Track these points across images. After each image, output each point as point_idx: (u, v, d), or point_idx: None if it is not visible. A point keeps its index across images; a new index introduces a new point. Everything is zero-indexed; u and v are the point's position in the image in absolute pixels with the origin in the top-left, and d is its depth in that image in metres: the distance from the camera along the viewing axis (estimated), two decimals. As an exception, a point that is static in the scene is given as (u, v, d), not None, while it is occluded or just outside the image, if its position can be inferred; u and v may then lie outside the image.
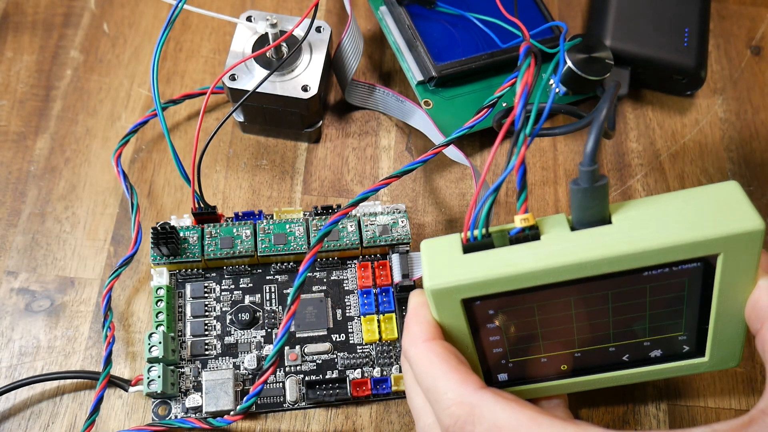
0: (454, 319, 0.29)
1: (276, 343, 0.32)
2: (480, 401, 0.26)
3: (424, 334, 0.29)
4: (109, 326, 0.37)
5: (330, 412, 0.38)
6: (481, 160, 0.45)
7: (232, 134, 0.45)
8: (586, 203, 0.26)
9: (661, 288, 0.28)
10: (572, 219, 0.27)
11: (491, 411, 0.25)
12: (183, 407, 0.37)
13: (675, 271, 0.27)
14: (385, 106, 0.46)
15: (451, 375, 0.27)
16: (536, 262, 0.26)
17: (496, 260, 0.27)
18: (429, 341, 0.28)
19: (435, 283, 0.27)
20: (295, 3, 0.50)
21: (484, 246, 0.27)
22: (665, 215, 0.26)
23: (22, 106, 0.46)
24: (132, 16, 0.49)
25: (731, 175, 0.45)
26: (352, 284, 0.40)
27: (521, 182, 0.27)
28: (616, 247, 0.25)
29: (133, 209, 0.40)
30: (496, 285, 0.27)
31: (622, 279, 0.27)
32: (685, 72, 0.45)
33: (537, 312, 0.29)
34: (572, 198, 0.26)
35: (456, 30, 0.45)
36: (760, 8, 0.51)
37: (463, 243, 0.28)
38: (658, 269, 0.27)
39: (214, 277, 0.40)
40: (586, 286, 0.27)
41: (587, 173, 0.26)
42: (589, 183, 0.26)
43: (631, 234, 0.26)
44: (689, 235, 0.25)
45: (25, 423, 0.37)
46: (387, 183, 0.36)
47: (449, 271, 0.27)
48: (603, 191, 0.26)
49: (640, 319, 0.30)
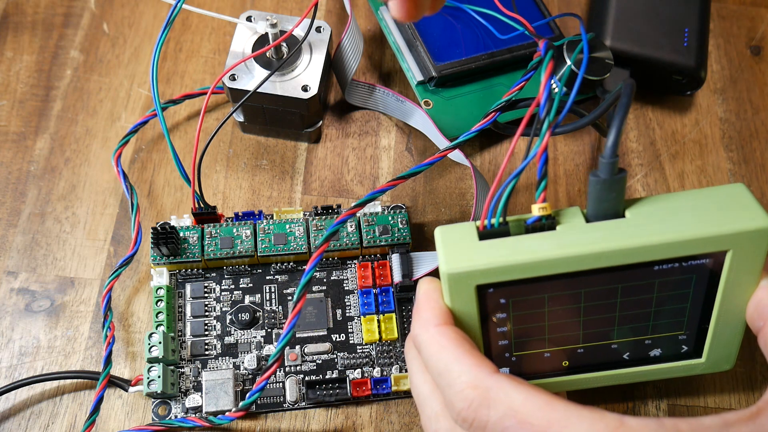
0: (466, 306, 0.28)
1: (280, 341, 0.32)
2: (495, 384, 0.25)
3: (436, 319, 0.28)
4: (109, 326, 0.37)
5: (330, 412, 0.38)
6: (480, 160, 0.45)
7: (232, 134, 0.45)
8: (604, 195, 0.27)
9: (669, 284, 0.28)
10: (587, 211, 0.28)
11: (507, 394, 0.25)
12: (183, 407, 0.37)
13: (684, 266, 0.27)
14: (385, 106, 0.46)
15: (465, 359, 0.26)
16: (552, 250, 0.26)
17: (512, 247, 0.27)
18: (441, 326, 0.28)
19: (452, 267, 0.27)
20: (295, 3, 0.50)
21: (501, 234, 0.27)
22: (677, 211, 0.27)
23: (22, 106, 0.46)
24: (132, 16, 0.49)
25: (731, 175, 0.45)
26: (352, 284, 0.40)
27: (542, 170, 0.27)
28: (630, 240, 0.26)
29: (133, 209, 0.40)
30: (512, 272, 0.27)
31: (633, 272, 0.27)
32: (685, 72, 0.45)
33: (547, 303, 0.29)
34: (590, 189, 0.27)
35: (456, 30, 0.45)
36: (760, 8, 0.51)
37: (480, 230, 0.28)
38: (668, 264, 0.27)
39: (214, 277, 0.40)
40: (598, 278, 0.28)
41: (608, 164, 0.26)
42: (609, 175, 0.26)
43: (644, 228, 0.26)
44: (702, 230, 0.26)
45: (25, 423, 0.37)
46: (395, 184, 0.36)
47: (466, 256, 0.27)
48: (621, 184, 0.27)
49: (645, 315, 0.30)
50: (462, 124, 0.43)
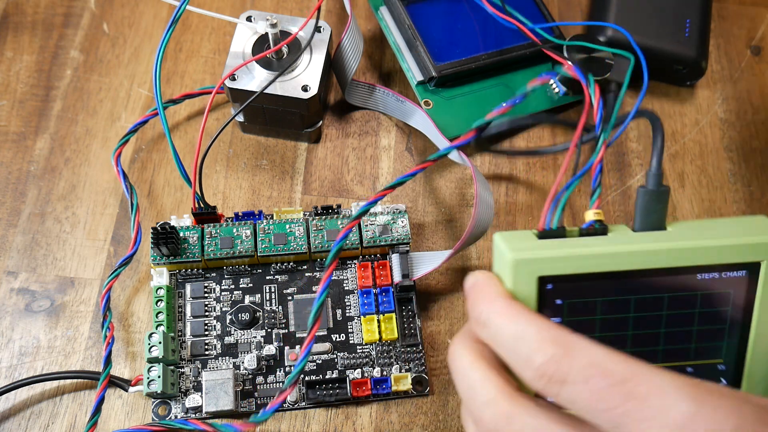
0: (525, 299, 0.30)
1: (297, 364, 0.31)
2: (576, 341, 0.26)
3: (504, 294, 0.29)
4: (109, 326, 0.37)
5: (330, 412, 0.38)
6: (480, 161, 0.45)
7: (232, 134, 0.45)
8: (651, 206, 0.31)
9: (709, 299, 0.30)
10: (634, 224, 0.31)
11: (588, 349, 0.25)
12: (183, 407, 0.37)
13: (723, 278, 0.30)
14: (385, 106, 0.46)
15: (543, 322, 0.27)
16: (607, 246, 0.29)
17: (570, 244, 0.29)
18: (510, 299, 0.28)
19: (518, 255, 0.28)
20: (295, 3, 0.50)
21: (558, 236, 0.30)
22: (713, 227, 0.30)
23: (22, 106, 0.46)
24: (132, 16, 0.49)
25: (731, 175, 0.45)
26: (352, 284, 0.40)
27: (596, 181, 0.32)
28: (674, 243, 0.29)
29: (133, 209, 0.40)
30: (573, 263, 0.29)
31: (676, 280, 0.29)
32: (686, 62, 0.45)
33: (599, 309, 0.30)
34: (638, 200, 0.31)
35: (456, 30, 0.45)
36: (760, 8, 0.51)
37: (538, 231, 0.30)
38: (708, 273, 0.29)
39: (214, 277, 0.40)
40: (645, 283, 0.30)
41: (655, 176, 0.30)
42: (655, 186, 0.30)
43: (686, 235, 0.30)
44: (737, 239, 0.29)
45: (25, 423, 0.37)
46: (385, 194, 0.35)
47: (531, 247, 0.29)
48: (665, 196, 0.31)
49: (687, 336, 0.31)
50: (462, 123, 0.43)
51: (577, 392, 0.24)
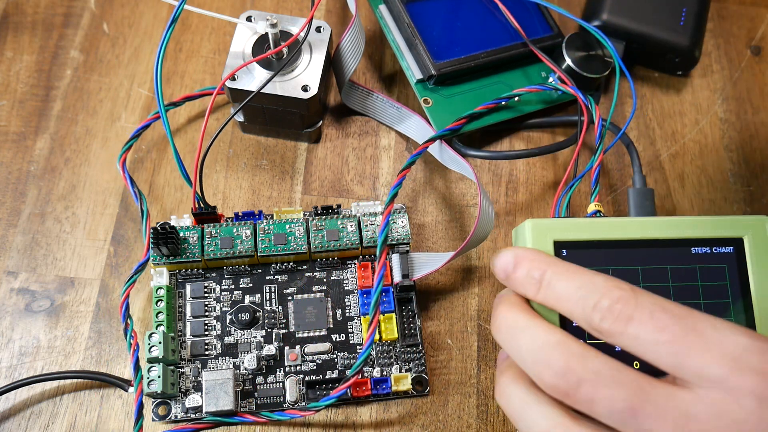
0: None
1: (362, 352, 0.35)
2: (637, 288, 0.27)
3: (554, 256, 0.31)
4: (132, 334, 0.36)
5: (330, 412, 0.38)
6: (481, 161, 0.45)
7: (232, 134, 0.45)
8: (641, 201, 0.39)
9: (708, 272, 0.33)
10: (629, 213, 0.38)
11: (649, 293, 0.27)
12: (183, 407, 0.37)
13: (714, 253, 0.33)
14: (380, 113, 0.45)
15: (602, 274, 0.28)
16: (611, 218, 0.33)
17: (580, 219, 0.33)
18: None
19: (536, 222, 0.32)
20: (295, 3, 0.50)
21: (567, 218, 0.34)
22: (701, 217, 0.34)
23: (22, 106, 0.46)
24: (132, 16, 0.49)
25: (731, 175, 0.45)
26: (352, 284, 0.40)
27: (595, 181, 0.39)
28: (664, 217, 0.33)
29: (144, 216, 0.40)
30: (583, 229, 0.32)
31: (674, 252, 0.33)
32: (679, 51, 0.45)
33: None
34: (629, 197, 0.39)
35: (455, 28, 0.45)
36: (760, 8, 0.51)
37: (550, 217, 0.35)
38: (701, 247, 0.33)
39: (214, 277, 0.40)
40: (649, 254, 0.32)
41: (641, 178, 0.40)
42: (642, 185, 0.40)
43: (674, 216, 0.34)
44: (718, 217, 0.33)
45: (25, 423, 0.37)
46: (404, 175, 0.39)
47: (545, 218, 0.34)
48: (651, 192, 0.39)
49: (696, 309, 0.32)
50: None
51: (642, 326, 0.26)
